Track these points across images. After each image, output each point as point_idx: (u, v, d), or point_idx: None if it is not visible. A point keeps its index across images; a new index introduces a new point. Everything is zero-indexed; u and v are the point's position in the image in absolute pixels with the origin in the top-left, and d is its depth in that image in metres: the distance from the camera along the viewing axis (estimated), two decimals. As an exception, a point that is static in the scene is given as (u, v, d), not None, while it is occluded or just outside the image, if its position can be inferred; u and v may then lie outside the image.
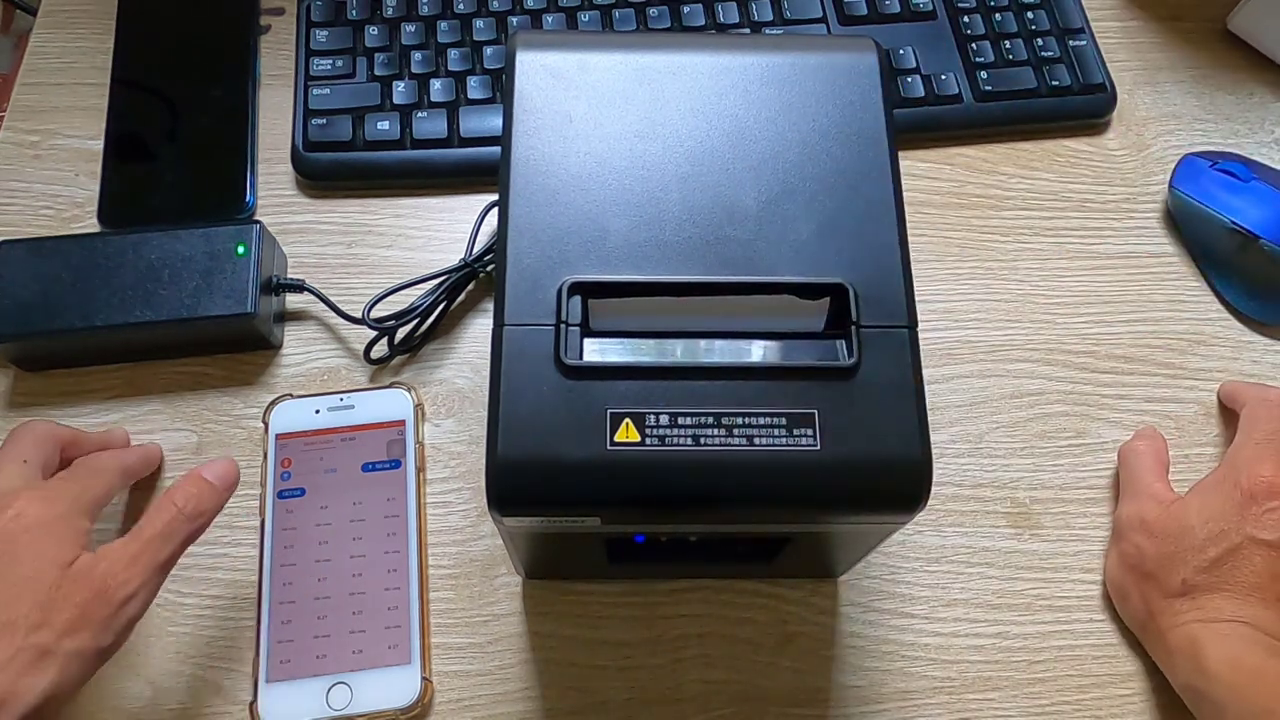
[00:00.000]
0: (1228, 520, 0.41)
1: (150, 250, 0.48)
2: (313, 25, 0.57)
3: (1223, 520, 0.42)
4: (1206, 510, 0.42)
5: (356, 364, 0.50)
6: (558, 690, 0.44)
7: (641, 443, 0.31)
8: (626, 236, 0.33)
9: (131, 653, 0.44)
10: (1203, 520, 0.42)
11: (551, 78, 0.36)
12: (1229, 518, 0.41)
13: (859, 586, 0.46)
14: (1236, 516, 0.41)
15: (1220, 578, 0.41)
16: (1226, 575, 0.41)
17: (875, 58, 0.37)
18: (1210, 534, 0.41)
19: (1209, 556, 0.41)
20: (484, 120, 0.55)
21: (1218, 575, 0.41)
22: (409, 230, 0.54)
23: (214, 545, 0.46)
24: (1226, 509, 0.42)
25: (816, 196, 0.35)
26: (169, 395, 0.49)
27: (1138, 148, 0.58)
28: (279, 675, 0.43)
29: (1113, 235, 0.55)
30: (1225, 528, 0.41)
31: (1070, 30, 0.59)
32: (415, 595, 0.44)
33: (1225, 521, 0.41)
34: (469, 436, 0.49)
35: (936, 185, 0.56)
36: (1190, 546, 0.42)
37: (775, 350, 0.33)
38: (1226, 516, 0.42)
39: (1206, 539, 0.41)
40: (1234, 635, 0.40)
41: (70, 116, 0.56)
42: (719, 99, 0.36)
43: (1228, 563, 0.41)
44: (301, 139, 0.54)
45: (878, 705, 0.44)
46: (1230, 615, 0.40)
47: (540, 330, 0.32)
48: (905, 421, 0.32)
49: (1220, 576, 0.41)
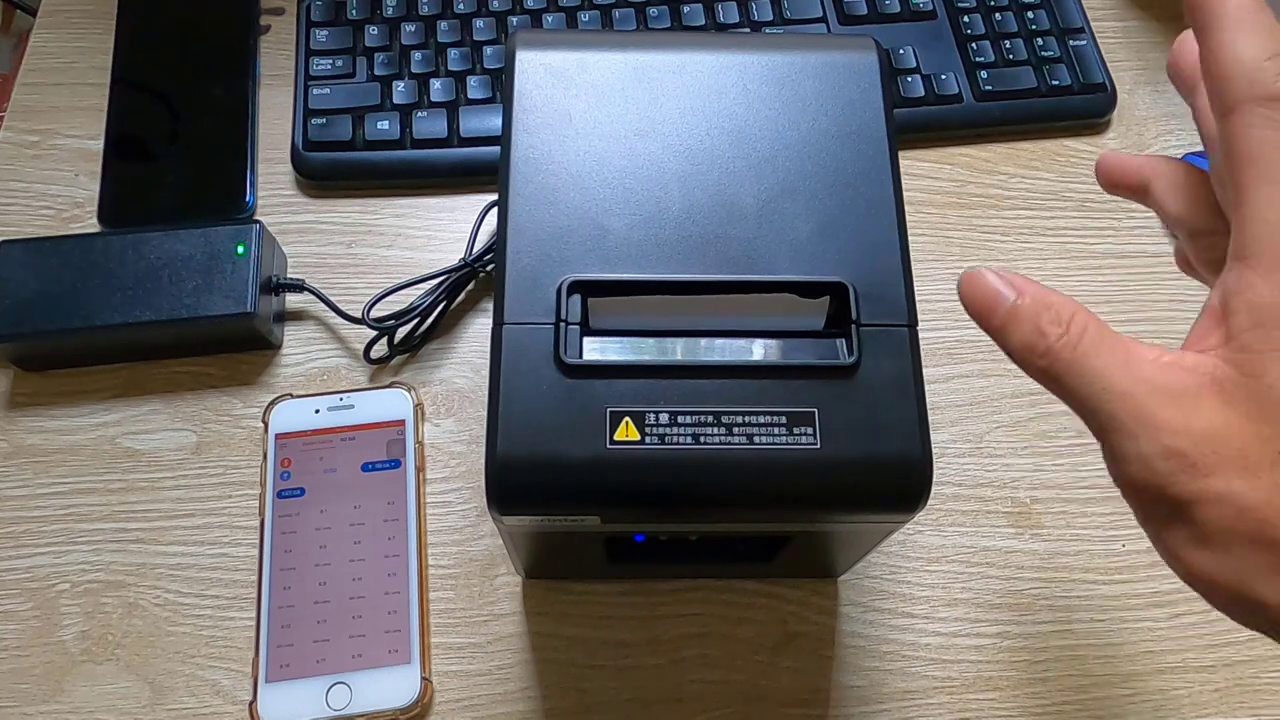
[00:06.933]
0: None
1: (150, 250, 0.48)
2: (313, 25, 0.57)
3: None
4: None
5: (356, 364, 0.50)
6: (558, 690, 0.44)
7: (641, 441, 0.31)
8: (626, 235, 0.33)
9: (131, 652, 0.44)
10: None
11: (551, 77, 0.36)
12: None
13: (859, 586, 0.46)
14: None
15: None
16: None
17: (875, 57, 0.37)
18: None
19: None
20: (484, 120, 0.55)
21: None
22: (409, 230, 0.54)
23: (214, 545, 0.46)
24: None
25: (817, 195, 0.34)
26: (169, 395, 0.49)
27: (1138, 148, 0.58)
28: (279, 675, 0.43)
29: (1113, 235, 0.55)
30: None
31: (1070, 30, 0.59)
32: (415, 595, 0.44)
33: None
34: (469, 436, 0.48)
35: (936, 185, 0.56)
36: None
37: (775, 349, 0.33)
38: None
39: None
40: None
41: (70, 116, 0.56)
42: (719, 98, 0.36)
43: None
44: (301, 139, 0.54)
45: (878, 705, 0.44)
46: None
47: (540, 329, 0.32)
48: (906, 420, 0.31)
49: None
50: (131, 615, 0.44)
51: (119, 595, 0.45)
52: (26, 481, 0.47)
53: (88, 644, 0.44)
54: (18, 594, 0.45)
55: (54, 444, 0.48)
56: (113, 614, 0.44)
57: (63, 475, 0.47)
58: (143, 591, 0.45)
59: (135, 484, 0.47)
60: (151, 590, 0.45)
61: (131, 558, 0.46)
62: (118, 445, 0.48)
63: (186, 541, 0.46)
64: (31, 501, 0.47)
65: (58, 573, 0.45)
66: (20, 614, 0.44)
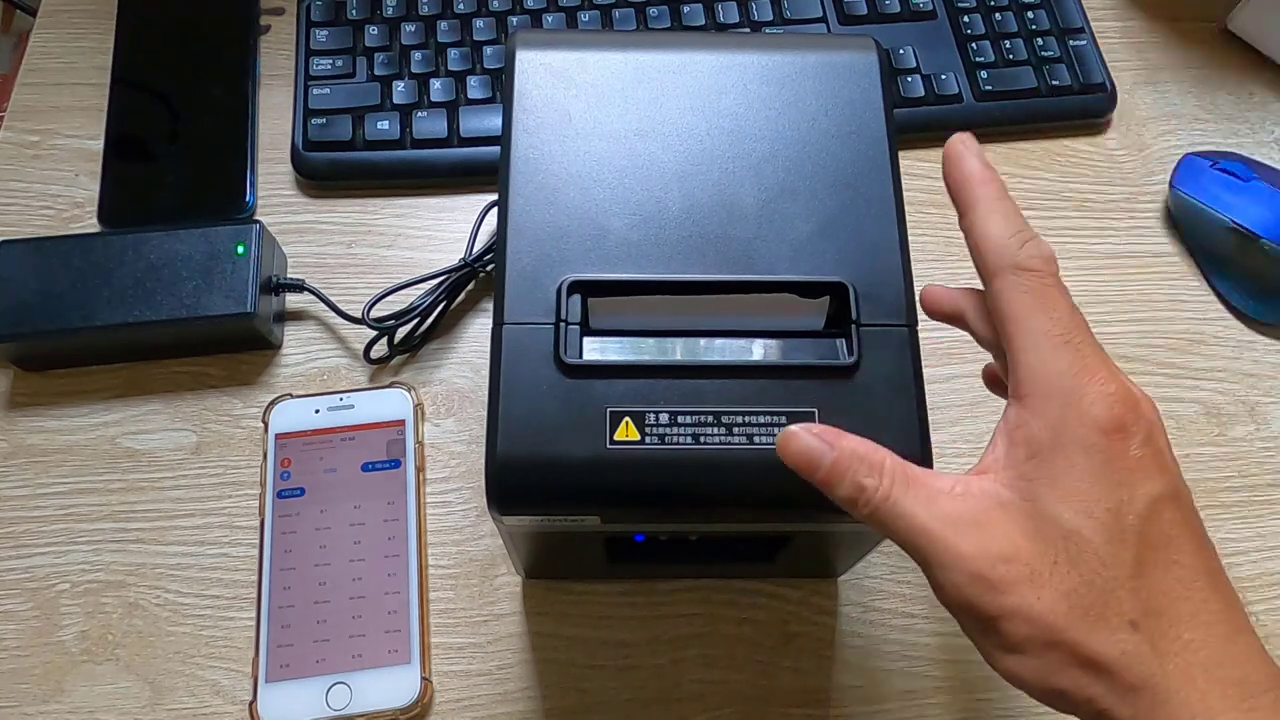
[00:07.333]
0: (1108, 485, 0.26)
1: (150, 250, 0.48)
2: (313, 25, 0.57)
3: (1103, 489, 0.26)
4: (1066, 487, 0.26)
5: (356, 364, 0.50)
6: (558, 690, 0.44)
7: (641, 441, 0.31)
8: (626, 235, 0.33)
9: (131, 652, 0.44)
10: (1077, 508, 0.26)
11: (551, 77, 0.36)
12: (1108, 480, 0.26)
13: (859, 586, 0.46)
14: (1116, 473, 0.26)
15: (1156, 583, 0.26)
16: (1160, 576, 0.26)
17: (875, 57, 0.37)
18: (1102, 525, 0.26)
19: (1128, 560, 0.26)
20: (484, 120, 0.55)
21: (1152, 580, 0.26)
22: (409, 230, 0.54)
23: (214, 545, 0.46)
24: (1096, 469, 0.26)
25: (817, 195, 0.34)
26: (169, 395, 0.49)
27: (1138, 148, 0.58)
28: (279, 675, 0.43)
29: (1113, 235, 0.55)
30: (1118, 500, 0.26)
31: (1070, 30, 0.59)
32: (415, 595, 0.44)
33: (1107, 490, 0.26)
34: (469, 436, 0.48)
35: (936, 185, 0.56)
36: (1098, 560, 0.26)
37: (775, 349, 0.33)
38: (1104, 480, 0.26)
39: (1105, 536, 0.26)
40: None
41: (70, 116, 0.56)
42: (719, 98, 0.36)
43: (1149, 556, 0.26)
44: (301, 139, 0.54)
45: (879, 705, 0.44)
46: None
47: (540, 329, 0.32)
48: (905, 420, 0.31)
49: (1155, 581, 0.26)
50: (131, 615, 0.44)
51: (119, 595, 0.45)
52: (26, 481, 0.47)
53: (88, 644, 0.44)
54: (18, 594, 0.45)
55: (54, 444, 0.48)
56: (113, 614, 0.44)
57: (63, 475, 0.47)
58: (143, 591, 0.45)
59: (135, 484, 0.47)
60: (151, 590, 0.45)
61: (131, 558, 0.46)
62: (118, 445, 0.48)
63: (186, 541, 0.46)
64: (31, 501, 0.47)
65: (58, 573, 0.45)
66: (20, 614, 0.44)
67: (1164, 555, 0.26)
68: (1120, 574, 0.26)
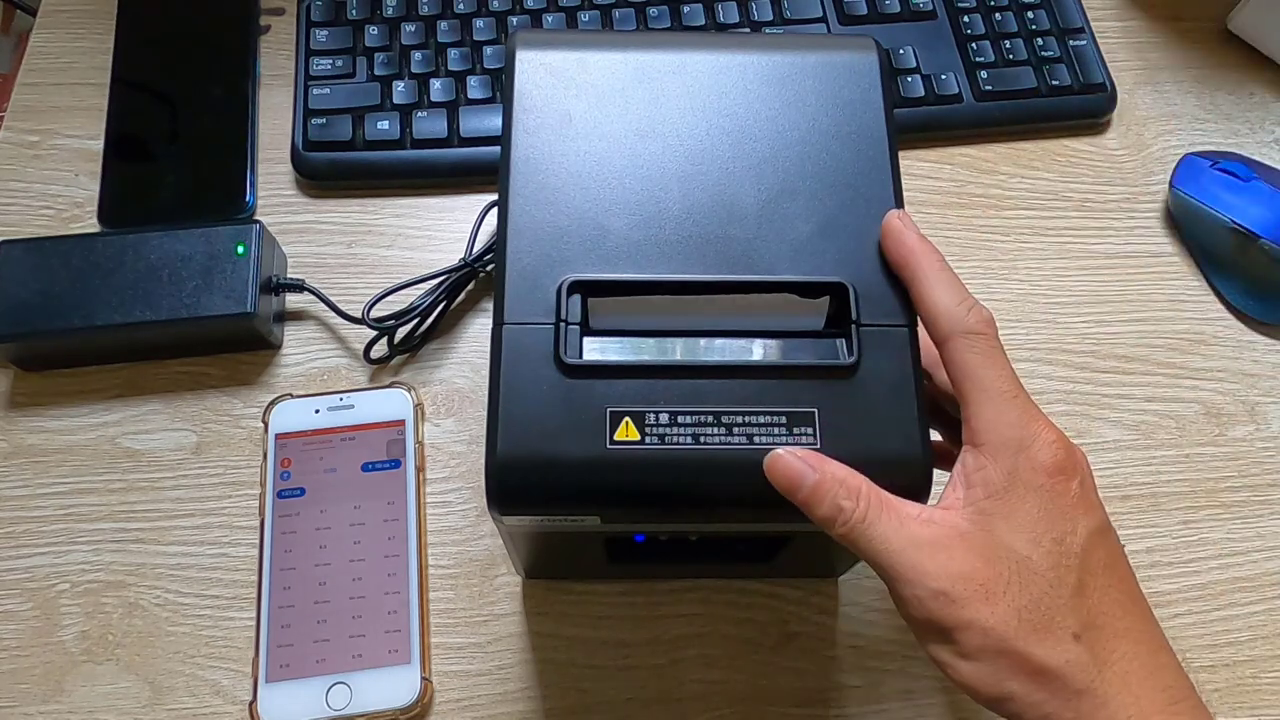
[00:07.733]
0: (1053, 519, 0.30)
1: (150, 250, 0.48)
2: (313, 25, 0.57)
3: (1049, 523, 0.30)
4: (1018, 520, 0.30)
5: (356, 364, 0.50)
6: (558, 690, 0.44)
7: (641, 441, 0.31)
8: (626, 235, 0.33)
9: (131, 652, 0.44)
10: (1028, 538, 0.30)
11: (551, 77, 0.36)
12: (1053, 515, 0.30)
13: (859, 586, 0.46)
14: (1060, 509, 0.30)
15: (1095, 603, 0.30)
16: (1099, 597, 0.30)
17: (875, 57, 0.37)
18: (1049, 553, 0.30)
19: (1071, 583, 0.30)
20: (484, 120, 0.55)
21: (1092, 600, 0.30)
22: (409, 230, 0.54)
23: (214, 545, 0.46)
24: (1043, 505, 0.30)
25: (816, 195, 0.34)
26: (169, 395, 0.49)
27: (1138, 147, 0.58)
28: (279, 675, 0.43)
29: (1113, 235, 0.55)
30: (1062, 532, 0.30)
31: (1070, 30, 0.59)
32: (415, 595, 0.44)
33: (1052, 523, 0.30)
34: (469, 436, 0.48)
35: (936, 185, 0.56)
36: (1045, 582, 0.30)
37: (775, 349, 0.33)
38: (1050, 515, 0.30)
39: (1051, 562, 0.30)
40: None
41: (70, 116, 0.56)
42: (719, 98, 0.36)
43: (1089, 580, 0.30)
44: (301, 139, 0.54)
45: (878, 705, 0.44)
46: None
47: (540, 329, 0.32)
48: (905, 420, 0.31)
49: (1094, 601, 0.30)
50: (131, 615, 0.44)
51: (119, 595, 0.45)
52: (26, 481, 0.47)
53: (88, 644, 0.44)
54: (18, 594, 0.45)
55: (54, 444, 0.48)
56: (113, 614, 0.44)
57: (63, 475, 0.47)
58: (143, 591, 0.45)
59: (135, 484, 0.47)
60: (151, 590, 0.45)
61: (131, 558, 0.46)
62: (118, 445, 0.48)
63: (186, 541, 0.46)
64: (31, 501, 0.47)
65: (58, 573, 0.45)
66: (20, 614, 0.44)
67: (1101, 580, 0.30)
68: (1064, 594, 0.30)
